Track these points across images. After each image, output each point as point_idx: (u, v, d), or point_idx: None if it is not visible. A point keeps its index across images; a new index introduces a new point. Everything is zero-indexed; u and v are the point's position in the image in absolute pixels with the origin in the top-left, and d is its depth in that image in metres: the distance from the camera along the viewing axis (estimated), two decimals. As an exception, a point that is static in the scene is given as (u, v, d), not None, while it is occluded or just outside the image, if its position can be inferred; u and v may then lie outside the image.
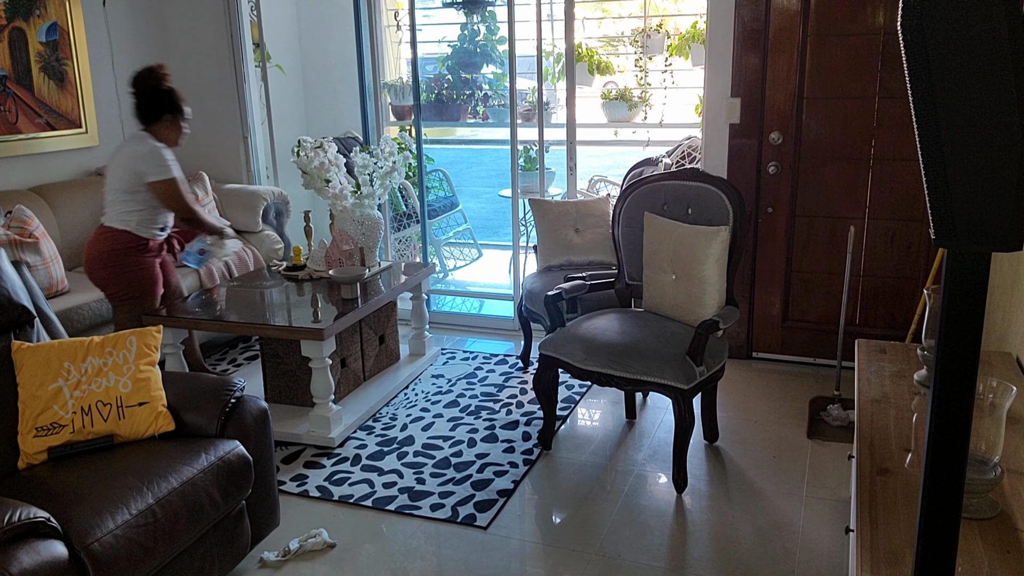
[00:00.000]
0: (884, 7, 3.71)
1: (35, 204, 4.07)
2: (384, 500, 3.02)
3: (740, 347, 4.31)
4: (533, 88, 4.86)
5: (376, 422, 3.66)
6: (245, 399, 2.56)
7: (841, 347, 3.61)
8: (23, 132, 4.24)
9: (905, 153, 3.82)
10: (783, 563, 2.60)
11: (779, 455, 3.29)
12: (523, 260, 4.95)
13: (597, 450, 3.38)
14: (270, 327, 3.36)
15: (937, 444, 1.03)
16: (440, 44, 5.80)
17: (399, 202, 5.76)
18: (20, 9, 4.20)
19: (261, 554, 2.68)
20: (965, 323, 0.98)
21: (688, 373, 2.94)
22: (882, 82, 3.78)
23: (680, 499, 3.00)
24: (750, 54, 3.94)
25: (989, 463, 1.71)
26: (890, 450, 2.00)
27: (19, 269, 2.66)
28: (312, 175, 3.98)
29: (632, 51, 5.21)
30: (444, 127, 7.94)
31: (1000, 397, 1.69)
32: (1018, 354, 2.57)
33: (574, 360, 3.14)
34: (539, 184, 4.75)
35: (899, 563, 1.54)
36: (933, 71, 0.90)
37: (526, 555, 2.69)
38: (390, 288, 3.88)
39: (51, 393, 2.35)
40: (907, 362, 2.59)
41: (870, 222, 3.96)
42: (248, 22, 4.99)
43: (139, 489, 2.15)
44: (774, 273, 4.17)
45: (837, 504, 2.92)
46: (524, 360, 4.28)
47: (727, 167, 4.09)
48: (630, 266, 3.51)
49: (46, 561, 1.85)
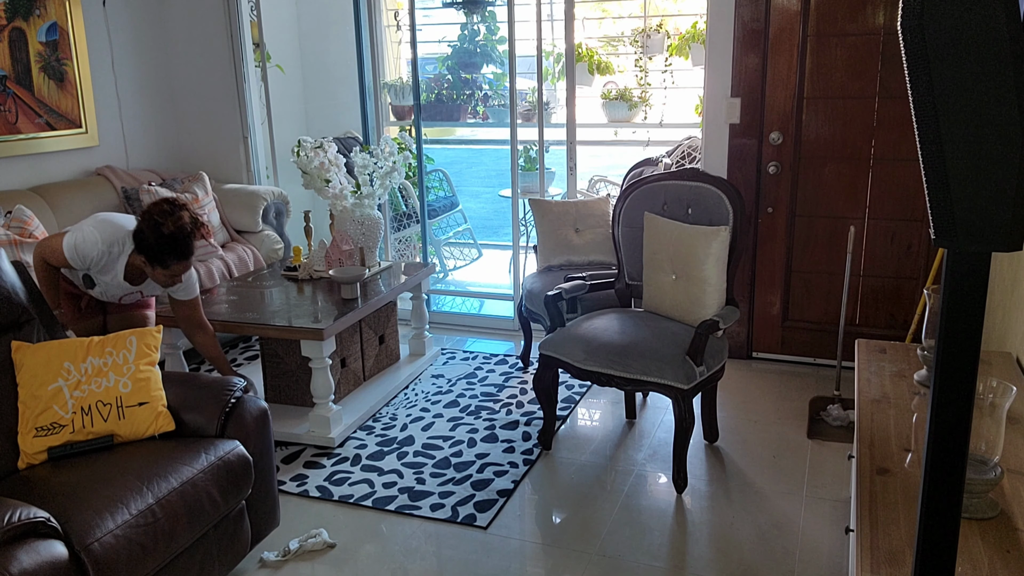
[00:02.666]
0: (884, 7, 3.71)
1: (35, 204, 4.07)
2: (384, 500, 3.02)
3: (740, 347, 4.31)
4: (533, 88, 4.86)
5: (376, 422, 3.66)
6: (245, 399, 2.56)
7: (841, 347, 3.61)
8: (23, 132, 4.24)
9: (905, 153, 3.82)
10: (783, 563, 2.60)
11: (779, 455, 3.29)
12: (523, 260, 4.95)
13: (597, 450, 3.38)
14: (270, 327, 3.36)
15: (937, 444, 1.03)
16: (440, 44, 5.80)
17: (399, 202, 5.76)
18: (20, 9, 4.20)
19: (261, 554, 2.68)
20: (965, 323, 0.98)
21: (688, 373, 2.94)
22: (882, 82, 3.78)
23: (680, 499, 3.00)
24: (750, 54, 3.94)
25: (989, 463, 1.71)
26: (890, 450, 2.00)
27: (19, 269, 2.66)
28: (312, 175, 3.98)
29: (632, 51, 5.21)
30: (444, 127, 7.94)
31: (1000, 397, 1.69)
32: (1018, 354, 2.57)
33: (574, 360, 3.14)
34: (539, 184, 4.75)
35: (899, 563, 1.54)
36: (933, 71, 0.90)
37: (526, 555, 2.69)
38: (390, 288, 3.88)
39: (51, 393, 2.35)
40: (907, 362, 2.59)
41: (870, 222, 3.96)
42: (248, 22, 4.99)
43: (139, 489, 2.15)
44: (774, 273, 4.17)
45: (837, 504, 2.92)
46: (524, 360, 4.28)
47: (727, 167, 4.09)
48: (630, 266, 3.51)
49: (46, 561, 1.85)
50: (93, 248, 2.83)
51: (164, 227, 2.72)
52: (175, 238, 2.73)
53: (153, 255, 2.76)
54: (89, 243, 2.83)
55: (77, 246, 2.83)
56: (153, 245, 2.73)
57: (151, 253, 2.75)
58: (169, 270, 2.79)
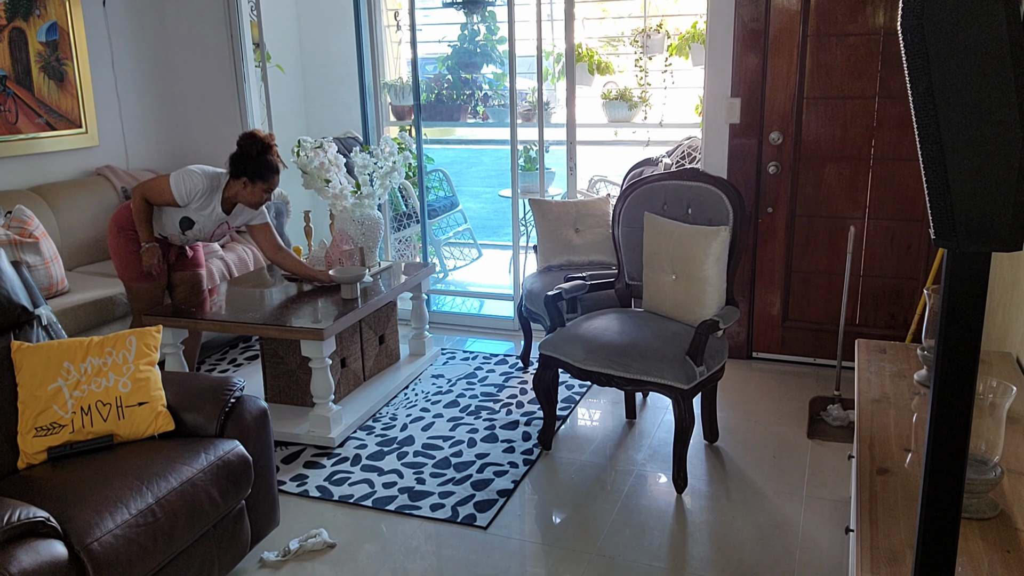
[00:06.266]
0: (884, 7, 3.71)
1: (35, 204, 4.07)
2: (384, 500, 3.02)
3: (740, 347, 4.31)
4: (533, 88, 4.86)
5: (376, 422, 3.66)
6: (245, 399, 2.56)
7: (841, 347, 3.61)
8: (23, 132, 4.24)
9: (905, 153, 3.82)
10: (783, 563, 2.60)
11: (779, 455, 3.29)
12: (523, 260, 4.95)
13: (597, 450, 3.38)
14: (270, 327, 3.36)
15: (937, 444, 1.03)
16: (440, 44, 5.80)
17: (399, 202, 5.76)
18: (20, 9, 4.20)
19: (261, 554, 2.68)
20: (965, 323, 0.98)
21: (688, 373, 2.94)
22: (882, 82, 3.78)
23: (680, 499, 3.00)
24: (750, 54, 3.94)
25: (989, 463, 1.71)
26: (890, 450, 2.00)
27: (19, 269, 2.66)
28: (312, 175, 3.98)
29: (632, 51, 5.21)
30: (444, 127, 7.94)
31: (1000, 397, 1.69)
32: (1018, 354, 2.57)
33: (574, 360, 3.14)
34: (539, 184, 4.75)
35: (899, 563, 1.54)
36: (933, 71, 0.90)
37: (526, 555, 2.69)
38: (390, 288, 3.88)
39: (51, 393, 2.35)
40: (907, 362, 2.59)
41: (870, 222, 3.96)
42: (248, 22, 4.99)
43: (139, 489, 2.15)
44: (774, 273, 4.17)
45: (837, 504, 2.92)
46: (524, 360, 4.28)
47: (727, 167, 4.09)
48: (630, 266, 3.51)
49: (46, 561, 1.85)
50: (200, 182, 3.44)
51: (260, 145, 3.41)
52: (270, 154, 3.45)
53: (255, 172, 3.43)
54: (195, 178, 3.43)
55: (185, 182, 3.42)
56: (255, 161, 3.41)
57: (254, 171, 3.43)
58: (268, 183, 3.47)
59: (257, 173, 3.44)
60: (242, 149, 3.44)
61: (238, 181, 3.47)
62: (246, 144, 3.44)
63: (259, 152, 3.43)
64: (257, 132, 3.48)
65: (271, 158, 3.46)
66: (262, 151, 3.44)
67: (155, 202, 3.48)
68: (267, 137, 3.48)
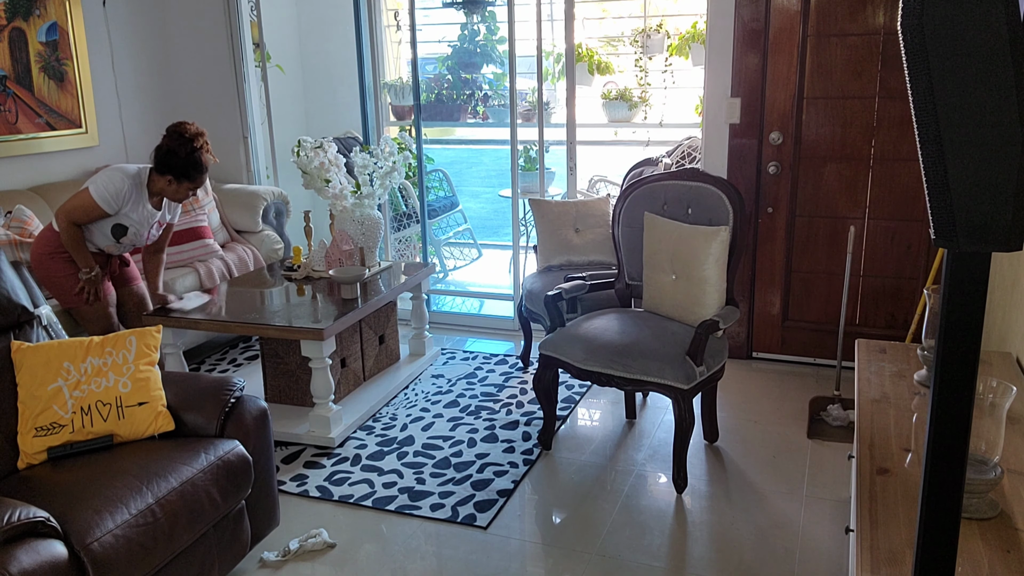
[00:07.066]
0: (884, 7, 3.71)
1: (35, 204, 4.07)
2: (384, 500, 3.02)
3: (740, 347, 4.31)
4: (533, 88, 4.86)
5: (376, 422, 3.66)
6: (245, 399, 2.56)
7: (841, 347, 3.61)
8: (23, 132, 4.24)
9: (905, 153, 3.82)
10: (783, 563, 2.60)
11: (779, 455, 3.29)
12: (523, 260, 4.95)
13: (597, 450, 3.38)
14: (270, 327, 3.36)
15: (937, 444, 1.03)
16: (440, 44, 5.80)
17: (399, 202, 5.76)
18: (20, 9, 4.20)
19: (261, 554, 2.68)
20: (965, 323, 0.98)
21: (688, 373, 2.94)
22: (882, 82, 3.78)
23: (680, 499, 3.00)
24: (750, 54, 3.94)
25: (989, 463, 1.71)
26: (890, 450, 2.00)
27: (19, 269, 2.66)
28: (312, 175, 3.98)
29: (632, 51, 5.21)
30: (444, 127, 7.93)
31: (1000, 397, 1.69)
32: (1018, 354, 2.57)
33: (574, 360, 3.14)
34: (539, 184, 4.75)
35: (899, 563, 1.54)
36: (933, 71, 0.90)
37: (526, 555, 2.69)
38: (390, 288, 3.88)
39: (51, 393, 2.35)
40: (907, 362, 2.59)
41: (870, 222, 3.96)
42: (248, 22, 4.99)
43: (139, 489, 2.15)
44: (774, 273, 4.17)
45: (837, 504, 2.92)
46: (524, 360, 4.28)
47: (727, 167, 4.09)
48: (630, 266, 3.51)
49: (46, 561, 1.85)
50: (122, 184, 3.24)
51: (189, 146, 3.22)
52: (199, 153, 3.25)
53: (182, 172, 3.25)
54: (117, 180, 3.23)
55: (108, 188, 3.21)
56: (183, 161, 3.22)
57: (181, 171, 3.25)
58: (194, 183, 3.30)
59: (184, 173, 3.26)
60: (170, 148, 3.24)
61: (163, 178, 3.28)
62: (175, 144, 3.24)
63: (188, 152, 3.23)
64: (187, 128, 3.27)
65: (199, 157, 3.26)
66: (192, 151, 3.24)
67: (84, 222, 3.25)
68: (197, 135, 3.28)
